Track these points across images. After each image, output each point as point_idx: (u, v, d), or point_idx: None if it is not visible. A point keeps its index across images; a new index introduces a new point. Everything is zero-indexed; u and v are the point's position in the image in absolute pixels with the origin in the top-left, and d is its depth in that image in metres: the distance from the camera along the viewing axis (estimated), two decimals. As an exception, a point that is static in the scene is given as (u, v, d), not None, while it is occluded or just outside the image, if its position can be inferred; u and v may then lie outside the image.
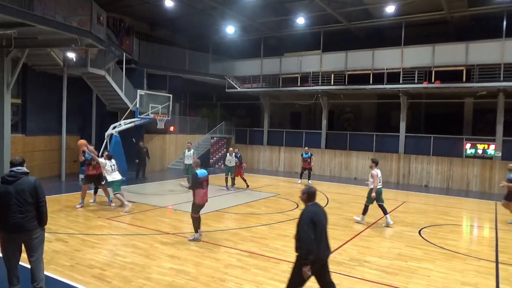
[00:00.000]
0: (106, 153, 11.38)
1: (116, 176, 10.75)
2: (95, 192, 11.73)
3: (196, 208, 7.88)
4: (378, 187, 9.75)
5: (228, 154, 15.10)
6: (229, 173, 14.97)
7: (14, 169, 4.95)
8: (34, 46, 13.43)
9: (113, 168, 10.75)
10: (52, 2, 11.90)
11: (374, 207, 10.00)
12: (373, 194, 9.80)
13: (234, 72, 23.47)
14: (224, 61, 23.54)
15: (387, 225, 9.78)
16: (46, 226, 5.13)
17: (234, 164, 14.87)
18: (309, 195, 4.80)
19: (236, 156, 15.01)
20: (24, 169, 5.02)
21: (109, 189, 11.00)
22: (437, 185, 18.22)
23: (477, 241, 9.44)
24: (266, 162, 23.04)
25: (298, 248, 4.59)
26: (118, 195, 10.70)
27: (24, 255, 4.97)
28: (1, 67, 13.27)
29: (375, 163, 10.02)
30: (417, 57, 18.06)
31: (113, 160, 10.93)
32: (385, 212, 9.90)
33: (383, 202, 9.95)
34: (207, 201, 8.02)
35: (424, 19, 18.30)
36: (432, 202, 14.21)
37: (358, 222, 10.07)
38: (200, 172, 7.90)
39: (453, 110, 20.59)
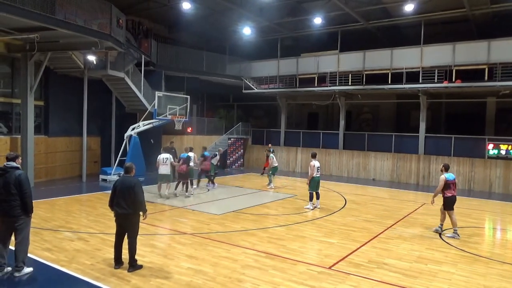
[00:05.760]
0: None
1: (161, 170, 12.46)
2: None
3: None
4: None
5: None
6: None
7: (6, 163, 5.81)
8: (56, 50, 13.80)
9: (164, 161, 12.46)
10: (73, 7, 12.20)
11: (393, 209, 9.80)
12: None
13: (251, 73, 23.52)
14: (241, 62, 23.59)
15: None
16: (68, 226, 5.30)
17: None
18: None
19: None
20: (14, 164, 5.86)
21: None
22: (458, 187, 17.64)
23: (501, 244, 9.18)
24: (283, 163, 22.95)
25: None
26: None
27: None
28: (25, 71, 13.72)
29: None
30: (437, 56, 17.72)
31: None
32: None
33: None
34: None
35: (444, 17, 17.93)
36: (453, 204, 13.89)
37: None
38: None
39: (475, 110, 20.11)
